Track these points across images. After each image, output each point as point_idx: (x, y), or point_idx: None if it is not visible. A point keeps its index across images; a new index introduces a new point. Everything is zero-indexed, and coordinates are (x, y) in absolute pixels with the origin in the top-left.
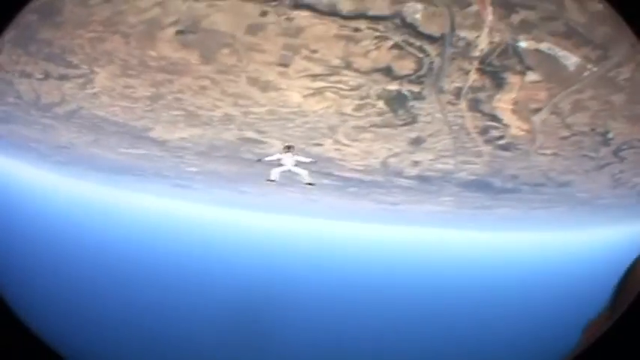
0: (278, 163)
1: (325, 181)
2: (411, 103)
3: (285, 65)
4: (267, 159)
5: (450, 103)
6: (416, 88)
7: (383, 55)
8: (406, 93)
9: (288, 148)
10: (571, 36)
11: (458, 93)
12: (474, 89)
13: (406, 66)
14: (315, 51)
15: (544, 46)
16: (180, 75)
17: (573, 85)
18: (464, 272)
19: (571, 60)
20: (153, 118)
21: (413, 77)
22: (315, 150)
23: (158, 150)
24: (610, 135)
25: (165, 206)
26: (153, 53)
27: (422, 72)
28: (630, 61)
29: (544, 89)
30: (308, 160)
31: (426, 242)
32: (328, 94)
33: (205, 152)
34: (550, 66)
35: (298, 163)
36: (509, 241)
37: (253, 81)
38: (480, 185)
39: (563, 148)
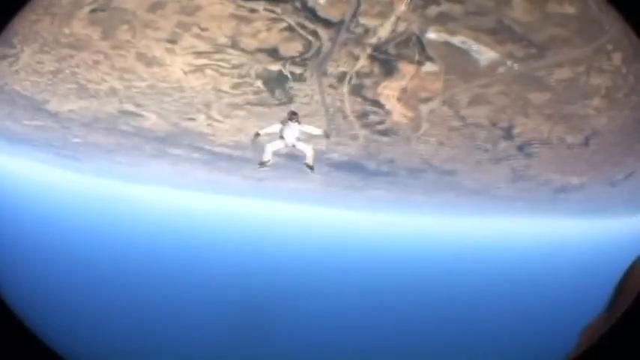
0: (278, 136)
1: (195, 155)
2: (290, 84)
3: (174, 42)
4: (264, 131)
5: (331, 86)
6: (298, 70)
7: (272, 37)
8: (287, 74)
9: (293, 115)
10: (499, 32)
11: (342, 77)
12: (360, 75)
13: (293, 48)
14: (205, 29)
15: (457, 39)
16: (80, 50)
17: (479, 79)
18: (330, 250)
19: (486, 55)
20: (51, 91)
21: (297, 59)
22: (188, 124)
23: (51, 121)
24: (516, 130)
25: (54, 176)
26: (66, 30)
27: (307, 55)
28: (579, 65)
29: (440, 80)
30: (318, 131)
31: (293, 218)
32: (208, 71)
33: (88, 124)
34: (456, 59)
35: (303, 137)
36: (381, 223)
37: (141, 56)
38: (351, 167)
39: (450, 138)
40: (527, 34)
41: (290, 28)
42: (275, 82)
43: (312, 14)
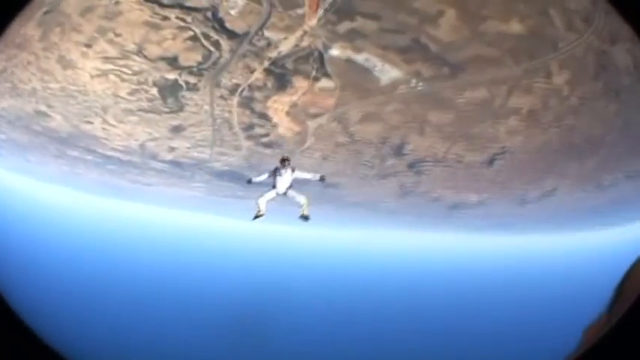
0: (271, 185)
1: (89, 157)
2: (183, 93)
3: (89, 46)
4: (257, 179)
5: (222, 97)
6: (193, 80)
7: (176, 45)
8: (182, 83)
9: (285, 162)
10: (411, 51)
11: (234, 89)
12: (252, 87)
13: (192, 58)
14: (119, 35)
15: (361, 56)
16: (22, 50)
17: (375, 97)
18: (209, 256)
19: (388, 74)
20: None
21: (195, 69)
22: (86, 127)
23: None
24: (408, 148)
25: None
26: (22, 31)
27: (205, 65)
28: (501, 84)
29: (333, 97)
30: (314, 177)
31: (174, 225)
32: (111, 76)
33: (12, 122)
34: (355, 76)
35: (297, 182)
36: (260, 232)
37: (61, 59)
38: (233, 176)
39: (336, 153)
40: (443, 54)
41: (194, 38)
42: (169, 91)
43: (220, 25)
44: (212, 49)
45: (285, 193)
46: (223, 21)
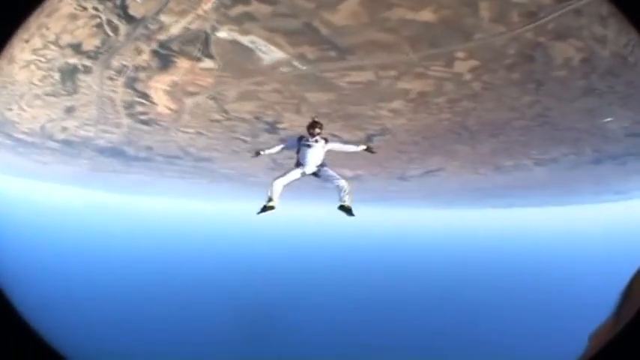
0: (295, 160)
1: (7, 142)
2: (79, 76)
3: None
4: (269, 151)
5: (110, 78)
6: (89, 63)
7: (83, 32)
8: (80, 67)
9: (314, 128)
10: (299, 35)
11: (121, 70)
12: (138, 68)
13: (93, 43)
14: (49, 28)
15: (247, 38)
16: None
17: (254, 77)
18: (96, 229)
19: (271, 55)
20: None
21: (92, 53)
22: (8, 114)
23: None
24: (282, 125)
25: None
26: None
27: (102, 49)
28: (390, 69)
29: (212, 77)
30: (353, 148)
31: (68, 199)
32: (32, 66)
33: None
34: (237, 57)
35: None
36: (142, 205)
37: (9, 55)
38: (114, 152)
39: (210, 129)
40: (333, 38)
41: (99, 25)
42: (68, 75)
43: (124, 11)
44: (111, 34)
45: (316, 173)
46: (127, 7)
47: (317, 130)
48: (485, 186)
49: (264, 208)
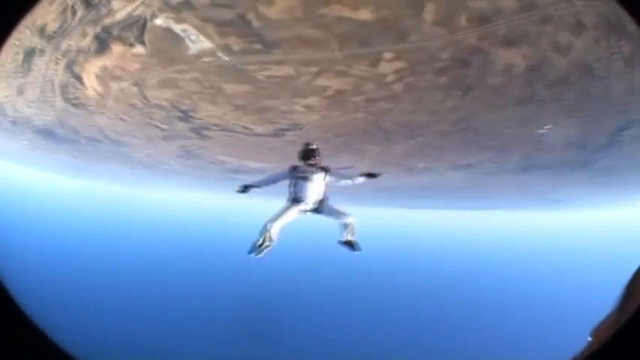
0: (290, 195)
1: None
2: (35, 58)
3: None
4: (256, 185)
5: (56, 60)
6: (44, 46)
7: (50, 16)
8: (37, 49)
9: (309, 156)
10: (230, 25)
11: (66, 53)
12: (80, 51)
13: (53, 26)
14: (33, 12)
15: (180, 27)
16: None
17: (177, 65)
18: (30, 207)
19: (199, 44)
20: None
21: (49, 36)
22: None
23: None
24: (197, 115)
25: None
26: None
27: (58, 32)
28: (311, 66)
29: (140, 63)
30: (360, 180)
31: (8, 178)
32: (10, 48)
33: None
34: (167, 45)
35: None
36: (71, 187)
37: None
38: (47, 133)
39: (130, 115)
40: (262, 30)
41: (65, 9)
42: (27, 57)
43: None
44: (70, 18)
45: (317, 209)
46: None
47: (314, 160)
48: (395, 186)
49: (259, 248)
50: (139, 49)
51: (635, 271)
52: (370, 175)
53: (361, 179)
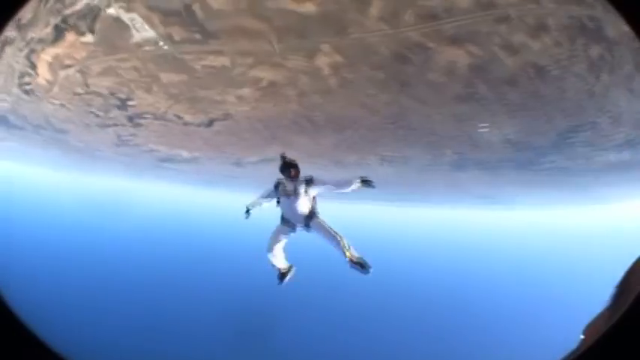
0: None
1: None
2: (6, 47)
3: None
4: (252, 206)
5: (19, 48)
6: (14, 34)
7: (29, 7)
8: (10, 38)
9: (289, 169)
10: (175, 15)
11: (30, 41)
12: (40, 40)
13: (26, 16)
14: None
15: (128, 16)
16: None
17: (119, 54)
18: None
19: (143, 33)
20: None
21: (20, 25)
22: None
23: None
24: (132, 102)
25: None
26: None
27: (26, 22)
28: (248, 57)
29: (86, 51)
30: (352, 187)
31: None
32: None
33: None
34: (113, 33)
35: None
36: (21, 173)
37: None
38: (2, 120)
39: (71, 102)
40: (204, 21)
41: (41, 0)
42: (1, 47)
43: None
44: (42, 8)
45: (307, 226)
46: None
47: (292, 172)
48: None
49: (283, 276)
50: (88, 37)
51: (628, 268)
52: (366, 183)
53: (355, 186)
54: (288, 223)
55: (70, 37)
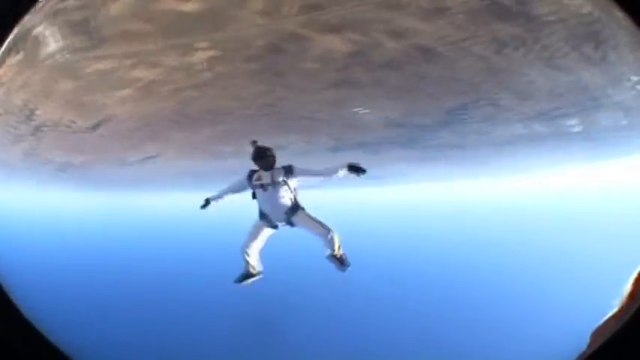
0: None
1: None
2: None
3: None
4: (214, 199)
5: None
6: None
7: None
8: None
9: (264, 156)
10: (81, 25)
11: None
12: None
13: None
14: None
15: (47, 32)
16: None
17: (33, 68)
18: None
19: (53, 46)
20: None
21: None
22: None
23: None
24: (37, 113)
25: None
26: None
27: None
28: (126, 59)
29: (13, 71)
30: (341, 174)
31: None
32: None
33: None
34: (31, 50)
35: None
36: None
37: None
38: None
39: None
40: (100, 28)
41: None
42: None
43: None
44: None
45: (290, 222)
46: None
47: (269, 160)
48: (202, 171)
49: (246, 277)
50: (19, 56)
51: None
52: (354, 169)
53: (342, 173)
54: (266, 219)
55: (9, 58)
